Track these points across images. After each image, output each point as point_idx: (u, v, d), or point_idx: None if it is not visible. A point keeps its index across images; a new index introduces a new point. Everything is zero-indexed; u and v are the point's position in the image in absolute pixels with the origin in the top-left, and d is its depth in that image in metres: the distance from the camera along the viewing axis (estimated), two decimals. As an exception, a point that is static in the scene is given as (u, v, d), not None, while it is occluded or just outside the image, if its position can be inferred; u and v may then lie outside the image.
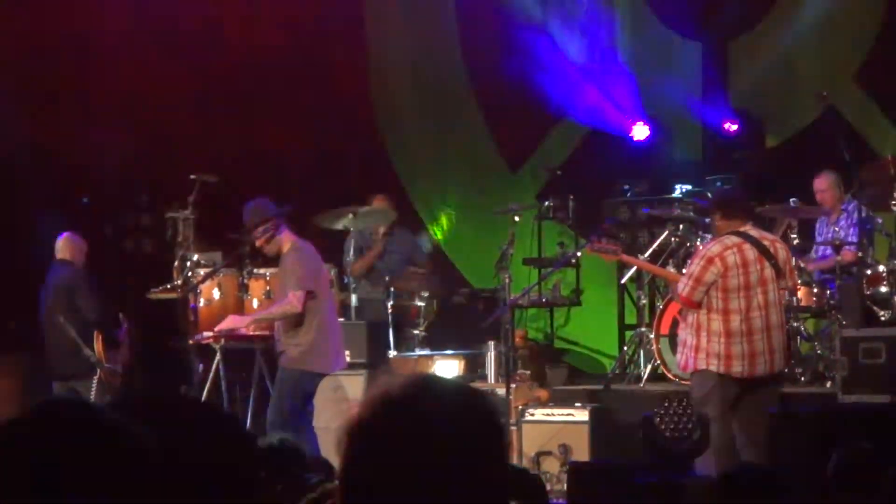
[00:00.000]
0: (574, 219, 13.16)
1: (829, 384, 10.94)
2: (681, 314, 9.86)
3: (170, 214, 11.85)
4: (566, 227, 13.55)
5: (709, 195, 11.63)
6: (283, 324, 10.00)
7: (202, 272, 11.27)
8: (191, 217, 11.70)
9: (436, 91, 15.39)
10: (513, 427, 10.54)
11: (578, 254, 11.92)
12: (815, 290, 11.51)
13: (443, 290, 12.94)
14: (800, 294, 11.32)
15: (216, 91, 14.40)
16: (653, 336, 11.71)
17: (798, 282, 10.76)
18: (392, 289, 12.33)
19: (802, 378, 11.25)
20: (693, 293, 9.11)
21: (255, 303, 11.10)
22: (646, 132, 14.22)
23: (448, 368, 11.84)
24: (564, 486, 9.75)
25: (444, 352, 12.39)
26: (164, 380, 12.08)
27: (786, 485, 5.03)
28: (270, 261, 10.59)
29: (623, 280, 12.78)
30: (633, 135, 14.26)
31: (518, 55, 14.60)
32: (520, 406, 10.81)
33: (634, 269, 12.34)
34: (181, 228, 11.70)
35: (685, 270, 9.50)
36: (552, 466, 10.59)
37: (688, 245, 11.77)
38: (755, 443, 9.05)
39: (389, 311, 12.19)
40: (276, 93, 14.65)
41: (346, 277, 12.28)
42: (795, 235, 11.65)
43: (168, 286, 11.55)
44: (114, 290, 12.46)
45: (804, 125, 13.73)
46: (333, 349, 10.11)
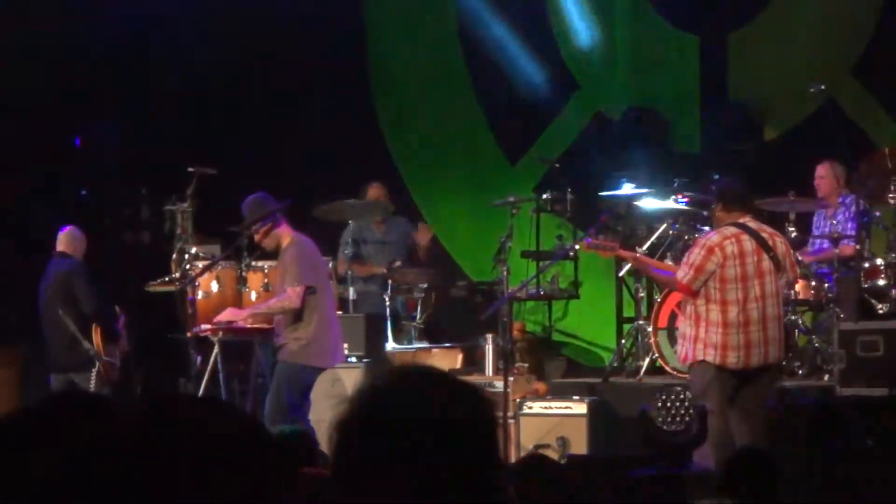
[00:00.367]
0: (572, 211, 13.15)
1: (827, 377, 10.94)
2: (679, 307, 9.87)
3: (168, 207, 11.85)
4: (564, 220, 13.53)
5: (712, 187, 11.62)
6: (284, 318, 9.99)
7: (200, 265, 11.27)
8: (189, 209, 11.70)
9: (435, 82, 15.39)
10: (511, 420, 10.54)
11: (577, 247, 11.92)
12: (813, 284, 11.52)
13: (441, 283, 12.93)
14: (798, 287, 11.32)
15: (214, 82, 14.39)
16: (651, 329, 11.70)
17: (798, 274, 10.77)
18: (390, 281, 12.33)
19: (800, 371, 11.26)
20: (693, 282, 9.13)
21: (254, 295, 11.09)
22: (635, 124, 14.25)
23: (446, 361, 11.85)
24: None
25: (442, 344, 12.41)
26: (162, 372, 12.10)
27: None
28: (269, 253, 10.59)
29: (621, 273, 12.76)
30: (633, 127, 14.27)
31: (517, 45, 14.62)
32: (518, 399, 10.82)
33: (632, 262, 12.34)
34: (179, 221, 11.70)
35: (684, 259, 9.51)
36: (550, 459, 10.59)
37: (686, 238, 11.76)
38: (753, 435, 9.05)
39: (387, 304, 12.19)
40: (273, 83, 14.65)
41: (347, 271, 12.27)
42: (793, 228, 11.65)
43: (166, 279, 11.55)
44: (112, 283, 12.46)
45: (802, 118, 13.73)
46: (333, 343, 10.12)
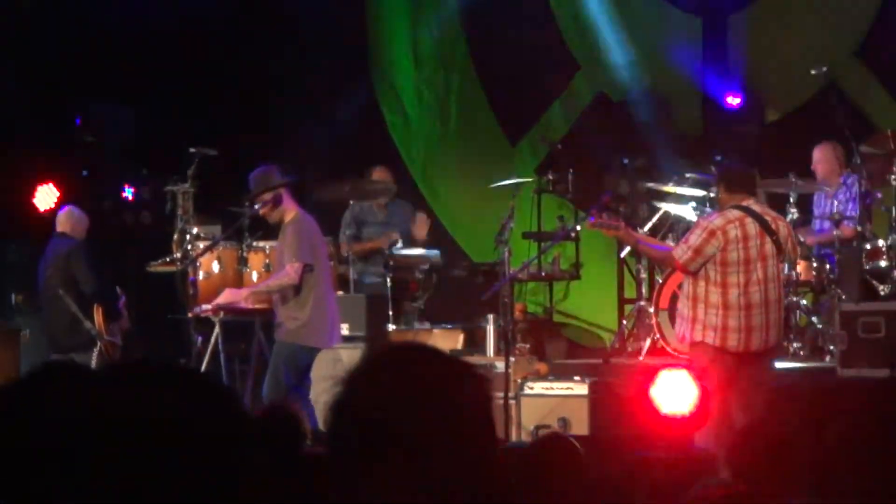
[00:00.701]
0: (574, 192, 13.14)
1: (828, 358, 10.95)
2: (680, 288, 9.86)
3: (169, 187, 11.84)
4: (566, 201, 13.53)
5: (713, 169, 11.60)
6: (281, 297, 9.99)
7: (201, 245, 11.27)
8: (190, 190, 11.69)
9: (435, 63, 15.36)
10: (512, 401, 10.54)
11: (578, 228, 11.91)
12: (815, 265, 11.52)
13: (442, 264, 12.93)
14: (799, 268, 11.32)
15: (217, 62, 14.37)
16: (652, 310, 11.71)
17: (799, 255, 10.77)
18: (391, 262, 12.33)
19: (801, 352, 11.26)
20: (691, 263, 9.11)
21: (255, 276, 11.09)
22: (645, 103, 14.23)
23: (447, 342, 11.84)
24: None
25: (444, 325, 12.41)
26: (163, 353, 12.11)
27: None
28: (270, 234, 10.58)
29: (623, 254, 12.77)
30: (635, 108, 14.25)
31: (520, 27, 14.59)
32: (519, 380, 10.81)
33: (634, 243, 12.34)
34: (180, 201, 11.69)
35: (684, 238, 9.50)
36: (551, 440, 10.59)
37: (687, 219, 11.75)
38: (754, 416, 9.03)
39: (388, 285, 12.19)
40: (276, 63, 14.63)
41: (348, 252, 12.26)
42: (795, 210, 11.63)
43: (167, 259, 11.56)
44: (113, 264, 12.46)
45: (804, 100, 13.71)
46: (330, 324, 10.10)
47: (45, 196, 13.26)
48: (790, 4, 14.25)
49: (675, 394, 9.55)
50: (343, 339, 10.70)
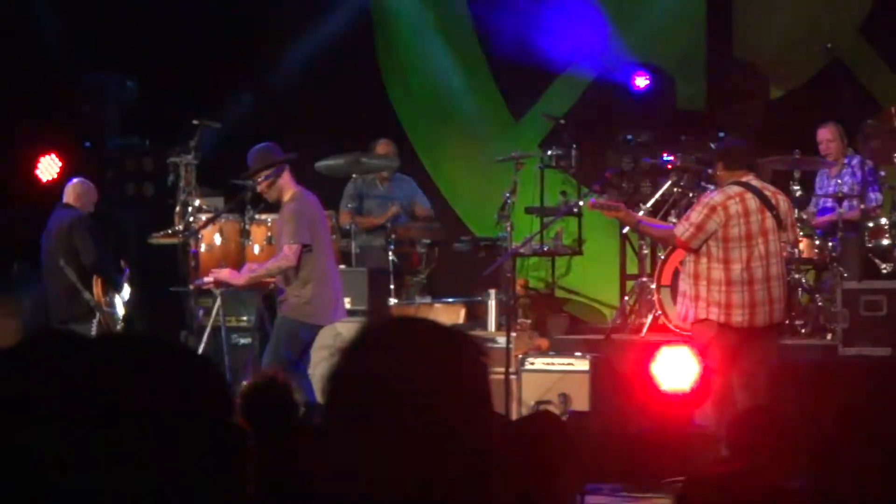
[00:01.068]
0: (577, 167, 13.12)
1: (830, 336, 10.94)
2: (682, 264, 9.85)
3: (172, 159, 11.83)
4: (569, 176, 13.50)
5: (712, 145, 11.58)
6: (284, 276, 9.94)
7: (204, 217, 11.26)
8: (193, 162, 11.68)
9: (440, 38, 15.32)
10: (513, 376, 10.53)
11: (581, 203, 11.89)
12: (817, 243, 11.50)
13: (444, 238, 12.91)
14: (801, 246, 11.31)
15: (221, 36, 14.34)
16: (654, 286, 11.69)
17: (799, 235, 10.76)
18: (393, 236, 12.31)
19: (803, 330, 11.25)
20: (692, 239, 9.09)
21: (257, 249, 11.05)
22: (645, 82, 14.16)
23: (448, 316, 11.84)
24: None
25: (445, 300, 12.40)
26: (164, 325, 12.11)
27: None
28: (272, 206, 10.56)
29: (625, 230, 12.74)
30: (636, 84, 14.20)
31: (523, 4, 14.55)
32: (520, 355, 10.81)
33: (636, 220, 12.32)
34: (183, 173, 11.68)
35: (685, 215, 9.49)
36: (551, 415, 10.59)
37: (690, 195, 11.73)
38: (755, 394, 9.04)
39: (391, 259, 12.17)
40: (278, 37, 14.60)
41: (349, 225, 12.23)
42: (798, 187, 11.61)
43: (169, 231, 11.55)
44: (115, 236, 12.46)
45: (808, 77, 13.68)
46: (333, 300, 10.08)
47: (48, 167, 13.28)
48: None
49: (676, 370, 9.57)
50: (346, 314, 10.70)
